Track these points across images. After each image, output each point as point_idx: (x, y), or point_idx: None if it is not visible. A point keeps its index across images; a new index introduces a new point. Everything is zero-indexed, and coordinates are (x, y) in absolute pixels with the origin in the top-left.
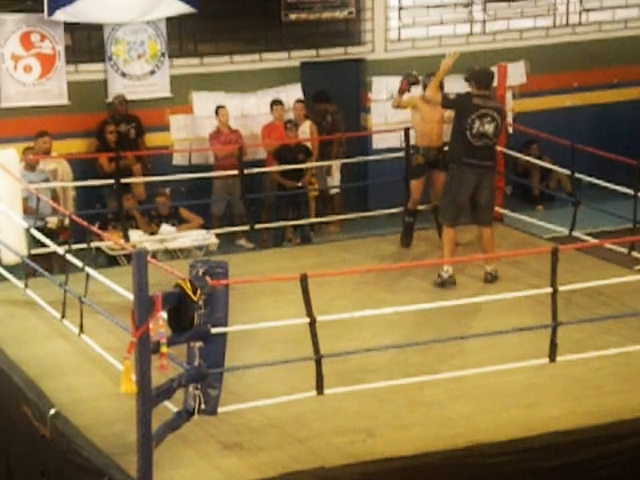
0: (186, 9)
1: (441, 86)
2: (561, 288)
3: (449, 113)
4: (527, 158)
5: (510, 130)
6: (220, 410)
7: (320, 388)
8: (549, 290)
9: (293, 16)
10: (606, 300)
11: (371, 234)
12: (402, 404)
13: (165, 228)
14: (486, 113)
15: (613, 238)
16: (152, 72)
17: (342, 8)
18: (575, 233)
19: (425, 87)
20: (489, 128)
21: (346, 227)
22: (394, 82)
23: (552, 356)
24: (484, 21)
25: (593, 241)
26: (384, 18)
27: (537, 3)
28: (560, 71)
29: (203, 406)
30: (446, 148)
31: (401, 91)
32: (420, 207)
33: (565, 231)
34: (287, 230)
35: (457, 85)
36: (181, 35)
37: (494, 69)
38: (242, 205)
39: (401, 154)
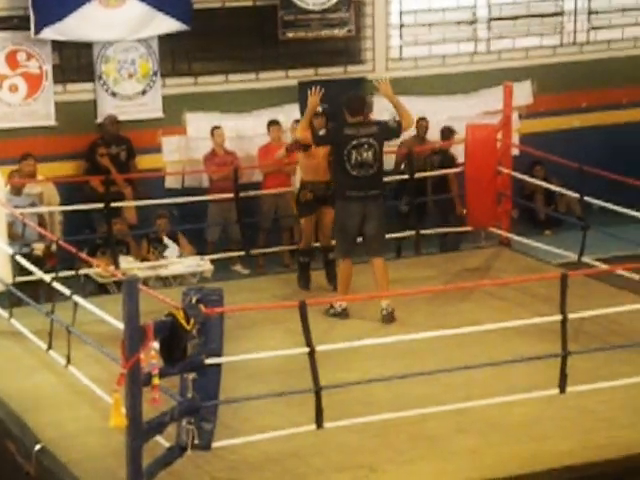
0: (179, 27)
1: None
2: (571, 316)
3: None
4: (531, 180)
5: (516, 152)
6: (214, 445)
7: (320, 421)
8: (558, 318)
9: (291, 34)
10: (617, 328)
11: None
12: (405, 438)
13: (163, 251)
14: (361, 143)
15: (624, 264)
16: (144, 92)
17: (341, 26)
18: (585, 259)
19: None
20: (368, 156)
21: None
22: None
23: (562, 387)
24: (489, 39)
25: (603, 267)
26: (385, 36)
27: (543, 21)
28: (568, 91)
29: (197, 441)
30: None
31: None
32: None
33: (574, 256)
34: (284, 255)
35: (463, 105)
36: (174, 53)
37: (499, 89)
38: (238, 230)
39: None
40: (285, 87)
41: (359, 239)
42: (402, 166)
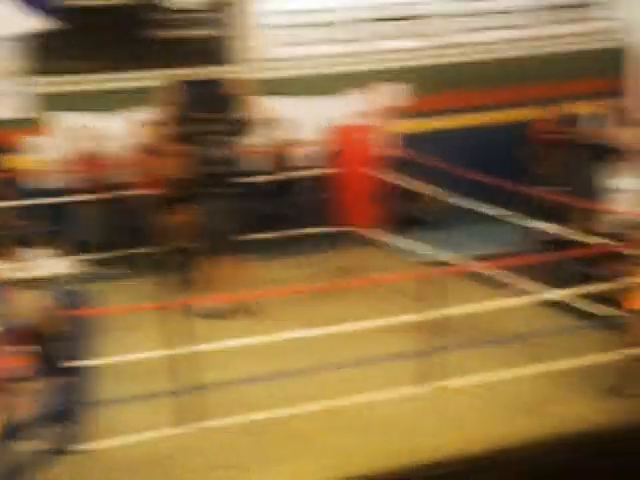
0: (45, 25)
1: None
2: (439, 313)
3: None
4: (401, 180)
5: (387, 152)
6: (86, 448)
7: (193, 422)
8: (428, 315)
9: (161, 34)
10: (483, 325)
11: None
12: (277, 437)
13: (28, 253)
14: (211, 139)
15: (491, 262)
16: (11, 91)
17: (212, 26)
18: (452, 257)
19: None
20: (218, 153)
21: None
22: (267, 103)
23: (434, 382)
24: (362, 41)
25: (470, 265)
26: (256, 37)
27: (417, 23)
28: (439, 93)
29: (67, 444)
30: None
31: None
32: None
33: (443, 255)
34: (158, 256)
35: (335, 106)
36: (41, 52)
37: (372, 90)
38: (109, 230)
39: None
40: (155, 87)
41: (219, 237)
42: (270, 166)
